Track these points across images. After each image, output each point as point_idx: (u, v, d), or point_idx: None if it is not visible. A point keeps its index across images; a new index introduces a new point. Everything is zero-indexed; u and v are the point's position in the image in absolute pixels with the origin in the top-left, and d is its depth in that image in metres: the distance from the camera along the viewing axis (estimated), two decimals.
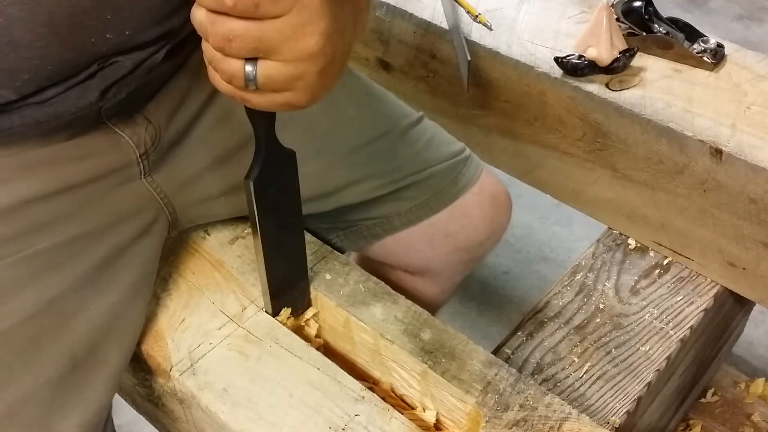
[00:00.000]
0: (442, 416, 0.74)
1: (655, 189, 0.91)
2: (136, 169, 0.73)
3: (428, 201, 0.86)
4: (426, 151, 0.86)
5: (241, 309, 0.77)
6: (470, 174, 0.88)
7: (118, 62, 0.65)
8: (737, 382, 1.21)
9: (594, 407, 0.84)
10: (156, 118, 0.73)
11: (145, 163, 0.73)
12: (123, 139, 0.71)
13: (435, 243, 0.89)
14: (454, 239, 0.89)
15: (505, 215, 0.93)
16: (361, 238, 0.90)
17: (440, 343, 0.74)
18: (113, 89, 0.66)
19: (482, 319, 1.52)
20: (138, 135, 0.72)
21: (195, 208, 0.80)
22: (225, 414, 0.69)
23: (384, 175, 0.84)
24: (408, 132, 0.86)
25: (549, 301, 0.95)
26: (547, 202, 1.13)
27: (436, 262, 0.92)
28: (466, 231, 0.89)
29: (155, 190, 0.75)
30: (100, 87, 0.65)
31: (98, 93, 0.65)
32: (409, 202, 0.86)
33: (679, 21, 0.94)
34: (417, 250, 0.90)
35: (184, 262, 0.83)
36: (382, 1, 1.05)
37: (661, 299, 0.94)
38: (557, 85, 0.92)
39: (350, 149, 0.83)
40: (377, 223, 0.88)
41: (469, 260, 0.95)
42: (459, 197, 0.87)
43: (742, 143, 0.82)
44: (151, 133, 0.73)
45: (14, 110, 0.63)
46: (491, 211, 0.90)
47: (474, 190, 0.88)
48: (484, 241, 0.92)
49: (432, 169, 0.85)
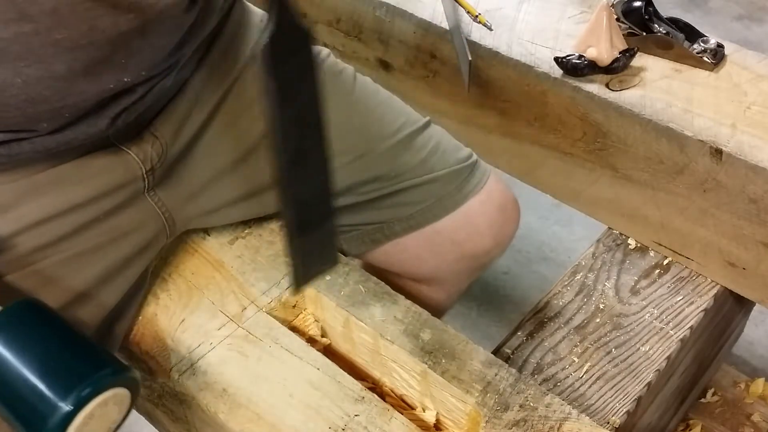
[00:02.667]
0: (442, 416, 0.74)
1: (655, 189, 0.91)
2: (140, 185, 0.73)
3: (430, 207, 0.85)
4: (432, 157, 0.84)
5: (241, 309, 0.77)
6: (476, 181, 0.86)
7: (129, 91, 0.66)
8: (737, 382, 1.21)
9: (594, 407, 0.84)
10: (162, 134, 0.73)
11: (150, 178, 0.73)
12: (129, 155, 0.71)
13: (441, 251, 0.88)
14: (460, 247, 0.88)
15: (512, 224, 0.90)
16: (362, 244, 0.89)
17: (440, 343, 0.74)
18: (123, 116, 0.67)
19: (482, 319, 1.52)
20: (144, 151, 0.72)
21: (194, 221, 0.81)
22: (225, 414, 0.69)
23: (385, 180, 0.83)
24: (413, 139, 0.84)
25: (549, 301, 0.95)
26: (547, 202, 1.13)
27: (443, 271, 0.91)
28: (473, 239, 0.87)
29: (158, 206, 0.75)
30: (110, 115, 0.66)
31: (108, 120, 0.66)
32: (410, 207, 0.85)
33: (679, 21, 0.94)
34: (422, 258, 0.89)
35: (184, 262, 0.83)
36: (382, 1, 1.05)
37: (661, 299, 0.94)
38: (557, 85, 0.92)
39: (352, 158, 0.82)
40: (377, 228, 0.87)
41: (475, 268, 0.94)
42: (463, 204, 0.85)
43: (742, 143, 0.82)
44: (157, 149, 0.73)
45: (25, 139, 0.63)
46: (498, 220, 0.88)
47: (481, 197, 0.86)
48: (491, 249, 0.90)
49: (435, 174, 0.84)
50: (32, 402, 0.54)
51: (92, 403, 0.54)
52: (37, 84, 0.58)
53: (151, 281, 0.80)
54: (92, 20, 0.57)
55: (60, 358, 0.56)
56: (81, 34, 0.57)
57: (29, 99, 0.59)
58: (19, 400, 0.54)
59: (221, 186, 0.79)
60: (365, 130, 0.83)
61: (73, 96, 0.61)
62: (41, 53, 0.57)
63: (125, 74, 0.63)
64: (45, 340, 0.56)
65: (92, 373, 0.55)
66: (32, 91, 0.59)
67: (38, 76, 0.58)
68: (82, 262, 0.69)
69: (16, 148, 0.63)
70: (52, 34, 0.56)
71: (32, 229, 0.66)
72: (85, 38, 0.58)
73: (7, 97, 0.58)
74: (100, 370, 0.55)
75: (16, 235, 0.65)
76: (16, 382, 0.54)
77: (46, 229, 0.67)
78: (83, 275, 0.69)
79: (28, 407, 0.54)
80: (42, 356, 0.55)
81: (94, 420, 0.55)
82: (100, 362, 0.57)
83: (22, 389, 0.54)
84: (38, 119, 0.62)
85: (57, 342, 0.57)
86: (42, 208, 0.67)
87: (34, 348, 0.56)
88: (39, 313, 0.59)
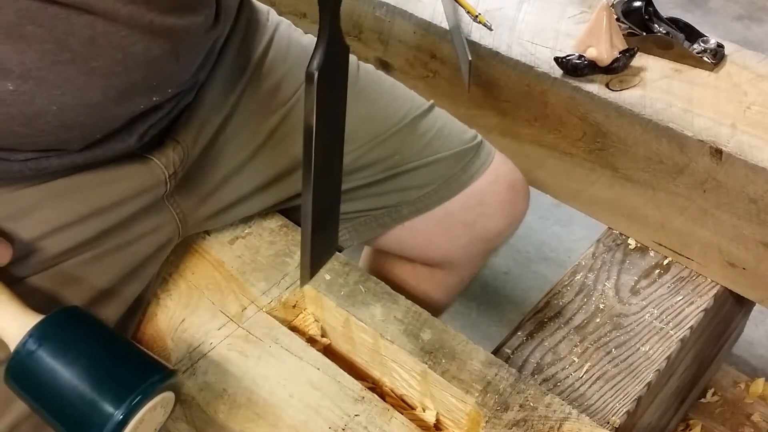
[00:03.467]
0: (442, 416, 0.74)
1: (655, 189, 0.91)
2: (162, 189, 0.73)
3: (437, 189, 0.85)
4: (436, 140, 0.85)
5: (241, 309, 0.77)
6: (481, 161, 0.86)
7: (156, 107, 0.67)
8: (737, 382, 1.21)
9: (594, 407, 0.84)
10: (183, 138, 0.74)
11: (172, 182, 0.73)
12: (153, 161, 0.72)
13: (453, 234, 0.88)
14: (471, 229, 0.88)
15: (523, 202, 0.90)
16: (370, 229, 0.88)
17: (440, 343, 0.74)
18: (150, 131, 0.68)
19: (482, 319, 1.52)
20: (167, 157, 0.72)
21: (205, 223, 0.81)
22: (225, 414, 0.69)
23: (390, 163, 0.84)
24: (418, 123, 0.85)
25: (549, 301, 0.95)
26: (547, 202, 1.13)
27: (456, 254, 0.91)
28: (483, 220, 0.88)
29: (173, 208, 0.76)
30: (138, 131, 0.67)
31: (137, 137, 0.67)
32: (416, 190, 0.85)
33: (679, 21, 0.94)
34: (434, 242, 0.89)
35: (184, 262, 0.83)
36: (382, 1, 1.05)
37: (661, 299, 0.94)
38: (557, 85, 0.92)
39: (357, 146, 0.82)
40: (385, 212, 0.87)
41: (488, 250, 0.94)
42: (470, 184, 0.85)
43: (742, 143, 0.82)
44: (179, 154, 0.73)
45: (53, 156, 0.64)
46: (508, 199, 0.88)
47: (488, 177, 0.86)
48: (503, 229, 0.90)
49: (439, 156, 0.84)
50: (84, 411, 0.54)
51: (143, 409, 0.54)
52: (72, 111, 0.59)
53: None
54: (127, 48, 0.58)
55: (108, 366, 0.55)
56: (116, 61, 0.58)
57: (63, 125, 0.59)
58: (71, 410, 0.54)
59: (230, 186, 0.79)
60: (371, 119, 0.83)
61: (106, 121, 0.62)
62: (77, 81, 0.57)
63: (155, 95, 0.64)
64: (91, 348, 0.56)
65: (142, 381, 0.55)
66: (66, 118, 0.59)
67: (73, 104, 0.58)
68: (100, 265, 0.69)
69: (44, 163, 0.63)
70: (88, 62, 0.57)
71: (56, 233, 0.66)
72: (120, 65, 0.59)
73: (41, 123, 0.59)
74: (150, 377, 0.55)
75: (39, 239, 0.65)
76: (67, 392, 0.54)
77: (70, 234, 0.67)
78: (100, 278, 0.70)
79: (80, 417, 0.54)
80: (90, 364, 0.55)
81: (144, 424, 0.55)
82: (149, 368, 0.57)
83: (73, 399, 0.54)
84: (69, 142, 0.62)
85: (103, 348, 0.57)
86: (65, 212, 0.67)
87: (81, 356, 0.55)
88: (81, 319, 0.59)
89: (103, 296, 0.70)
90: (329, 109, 0.61)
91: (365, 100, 0.84)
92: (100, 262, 0.69)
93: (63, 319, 0.57)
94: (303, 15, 1.17)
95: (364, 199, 0.86)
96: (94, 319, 0.60)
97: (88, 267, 0.68)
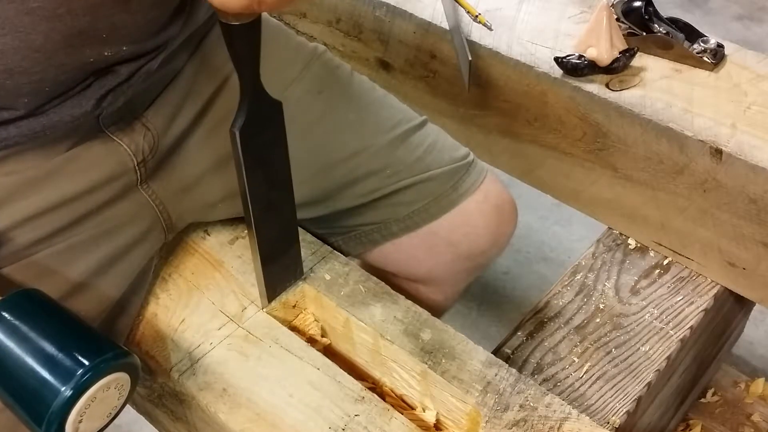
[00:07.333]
0: (442, 416, 0.74)
1: (655, 189, 0.91)
2: (133, 177, 0.73)
3: (427, 207, 0.84)
4: (427, 156, 0.84)
5: (241, 309, 0.77)
6: (472, 180, 0.85)
7: (113, 71, 0.65)
8: (737, 382, 1.21)
9: (594, 407, 0.84)
10: (154, 125, 0.73)
11: (143, 170, 0.73)
12: (121, 147, 0.71)
13: (437, 251, 0.88)
14: (456, 248, 0.87)
15: (509, 225, 0.90)
16: (360, 244, 0.89)
17: (440, 343, 0.74)
18: (109, 97, 0.66)
19: (482, 319, 1.52)
20: (136, 143, 0.72)
21: (191, 214, 0.80)
22: (225, 414, 0.69)
23: (382, 179, 0.83)
24: (409, 137, 0.84)
25: (549, 301, 0.95)
26: (547, 202, 1.13)
27: (439, 271, 0.91)
28: (469, 240, 0.87)
29: (151, 198, 0.75)
30: (95, 96, 0.65)
31: (94, 102, 0.65)
32: (406, 207, 0.85)
33: (679, 21, 0.94)
34: (419, 258, 0.89)
35: (184, 262, 0.83)
36: (382, 1, 1.05)
37: (661, 299, 0.94)
38: (557, 85, 0.92)
39: (348, 154, 0.82)
40: (375, 228, 0.87)
41: (472, 268, 0.93)
42: (459, 204, 0.85)
43: (742, 143, 0.82)
44: (149, 141, 0.73)
45: (10, 123, 0.63)
46: (495, 220, 0.88)
47: (477, 197, 0.86)
48: (487, 250, 0.89)
49: (431, 173, 0.84)
50: (34, 388, 0.55)
51: (93, 387, 0.55)
52: (15, 54, 0.57)
53: (151, 281, 0.80)
54: None
55: (61, 344, 0.56)
56: (58, 2, 0.57)
57: (7, 69, 0.58)
58: (22, 387, 0.55)
59: (218, 180, 0.79)
60: (361, 126, 0.83)
61: (53, 68, 0.60)
62: (17, 22, 0.56)
63: (105, 48, 0.62)
64: (45, 328, 0.57)
65: (93, 358, 0.55)
66: (10, 61, 0.58)
67: (15, 46, 0.57)
68: (76, 254, 0.69)
69: (3, 133, 0.63)
70: (27, 2, 0.55)
71: (27, 223, 0.66)
72: (62, 7, 0.57)
73: None
74: (101, 355, 0.56)
75: (10, 229, 0.65)
76: (19, 369, 0.55)
77: (41, 223, 0.67)
78: (78, 267, 0.70)
79: (31, 393, 0.55)
80: (43, 343, 0.56)
81: (96, 403, 0.56)
82: (101, 347, 0.57)
83: (24, 376, 0.55)
84: (18, 93, 0.61)
85: (57, 329, 0.58)
86: (36, 202, 0.67)
87: (35, 335, 0.56)
88: (39, 302, 0.60)
89: (78, 289, 0.70)
90: (263, 159, 0.65)
91: (356, 105, 0.84)
92: (74, 252, 0.69)
93: (19, 300, 0.59)
94: (303, 15, 1.17)
95: (356, 216, 0.86)
96: (54, 303, 0.61)
97: (62, 257, 0.68)
